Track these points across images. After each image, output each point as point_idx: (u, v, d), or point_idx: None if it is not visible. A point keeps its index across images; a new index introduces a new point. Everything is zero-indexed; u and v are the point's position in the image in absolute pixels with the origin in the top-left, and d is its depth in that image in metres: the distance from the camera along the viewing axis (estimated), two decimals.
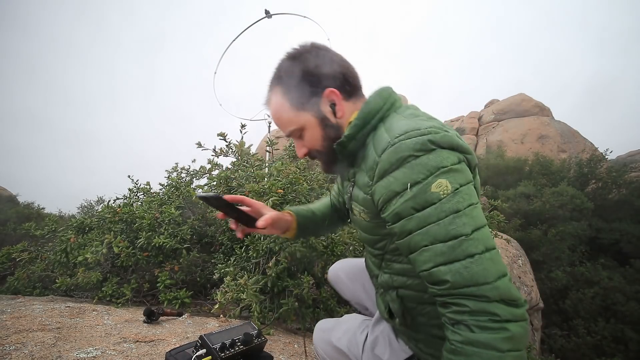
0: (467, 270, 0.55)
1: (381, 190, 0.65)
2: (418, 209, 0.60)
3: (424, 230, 0.59)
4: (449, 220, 0.58)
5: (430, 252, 0.59)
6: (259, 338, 1.00)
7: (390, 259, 0.78)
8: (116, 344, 1.35)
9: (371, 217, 0.74)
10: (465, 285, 0.55)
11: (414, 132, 0.62)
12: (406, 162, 0.61)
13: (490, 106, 22.53)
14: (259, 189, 1.96)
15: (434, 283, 0.60)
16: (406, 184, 0.61)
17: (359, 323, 0.93)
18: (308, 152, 0.82)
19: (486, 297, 0.54)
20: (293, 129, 0.78)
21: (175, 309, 1.95)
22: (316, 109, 0.75)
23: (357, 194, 0.76)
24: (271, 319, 1.88)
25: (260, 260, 2.08)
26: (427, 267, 0.59)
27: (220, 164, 3.08)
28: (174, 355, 0.96)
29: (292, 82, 0.75)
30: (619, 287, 7.44)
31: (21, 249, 2.56)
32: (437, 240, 0.58)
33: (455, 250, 0.56)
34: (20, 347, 1.21)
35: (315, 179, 2.81)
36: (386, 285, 0.81)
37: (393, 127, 0.68)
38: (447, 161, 0.60)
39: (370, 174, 0.68)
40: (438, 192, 0.59)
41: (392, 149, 0.63)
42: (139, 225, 2.34)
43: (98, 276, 2.08)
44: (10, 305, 1.74)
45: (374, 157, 0.67)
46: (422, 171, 0.60)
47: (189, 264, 2.33)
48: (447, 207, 0.58)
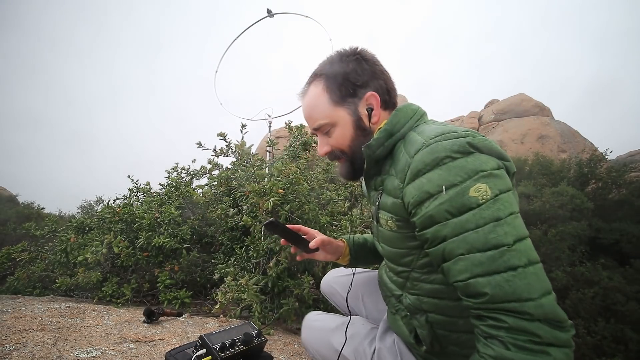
0: (509, 283, 0.51)
1: (413, 191, 0.61)
2: (454, 213, 0.56)
3: (461, 238, 0.55)
4: (488, 228, 0.53)
5: (467, 261, 0.54)
6: (259, 338, 1.00)
7: (419, 278, 0.72)
8: (116, 344, 1.35)
9: (399, 226, 0.69)
10: (506, 299, 0.51)
11: (450, 134, 0.60)
12: (442, 163, 0.58)
13: (490, 106, 22.54)
14: (260, 189, 1.96)
15: (470, 295, 0.55)
16: (441, 186, 0.57)
17: (366, 331, 0.88)
18: (331, 150, 0.79)
19: (529, 315, 0.50)
20: (324, 123, 0.76)
21: (175, 309, 1.95)
22: (354, 108, 0.75)
23: (386, 200, 0.71)
24: (271, 319, 1.88)
25: (261, 261, 2.08)
26: (463, 278, 0.55)
27: (220, 164, 3.08)
28: (174, 355, 0.96)
29: (338, 77, 0.75)
30: (619, 287, 7.45)
31: (21, 249, 2.56)
32: (475, 249, 0.54)
33: (495, 261, 0.52)
34: (20, 347, 1.21)
35: (315, 179, 2.81)
36: (413, 308, 0.74)
37: (426, 130, 0.66)
38: (486, 165, 0.57)
39: (401, 175, 0.64)
40: (477, 197, 0.55)
41: (428, 149, 0.60)
42: (139, 225, 2.34)
43: (98, 276, 2.08)
44: (10, 305, 1.74)
45: (405, 158, 0.64)
46: (460, 174, 0.56)
47: (189, 264, 2.34)
48: (486, 214, 0.54)
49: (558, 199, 9.70)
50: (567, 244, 8.66)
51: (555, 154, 17.20)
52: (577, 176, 12.38)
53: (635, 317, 6.83)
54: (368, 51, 0.79)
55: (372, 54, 0.79)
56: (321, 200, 2.55)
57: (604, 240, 9.92)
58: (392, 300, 0.83)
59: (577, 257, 8.82)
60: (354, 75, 0.75)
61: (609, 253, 9.75)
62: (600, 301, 7.33)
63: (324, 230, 2.20)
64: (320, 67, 0.79)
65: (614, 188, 11.85)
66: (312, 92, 0.78)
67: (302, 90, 0.82)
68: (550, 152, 17.11)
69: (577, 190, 10.50)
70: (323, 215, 2.23)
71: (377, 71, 0.77)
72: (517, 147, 18.16)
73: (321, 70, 0.78)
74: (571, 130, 19.63)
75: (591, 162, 12.45)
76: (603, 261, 8.94)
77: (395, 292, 0.81)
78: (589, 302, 7.32)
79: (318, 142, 0.81)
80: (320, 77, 0.77)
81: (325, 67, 0.78)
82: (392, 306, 0.83)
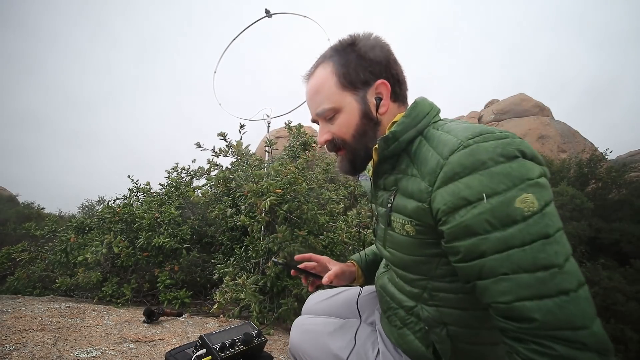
0: (562, 310, 0.46)
1: (446, 197, 0.54)
2: (496, 225, 0.50)
3: (505, 256, 0.49)
4: (537, 246, 0.48)
5: (511, 282, 0.49)
6: (259, 338, 1.00)
7: (440, 288, 0.65)
8: (116, 344, 1.36)
9: (418, 231, 0.62)
10: (559, 327, 0.46)
11: (490, 135, 0.54)
12: (484, 167, 0.51)
13: (490, 106, 22.54)
14: (258, 189, 1.96)
15: (514, 319, 0.49)
16: (482, 194, 0.50)
17: (367, 333, 0.84)
18: (332, 139, 0.73)
19: (583, 345, 0.45)
20: (328, 108, 0.70)
21: (175, 309, 1.95)
22: (362, 95, 0.70)
23: (403, 203, 0.64)
24: (271, 319, 1.88)
25: (260, 261, 2.09)
26: (507, 300, 0.49)
27: (220, 164, 3.08)
28: (174, 355, 0.96)
29: (347, 60, 0.69)
30: (619, 287, 7.45)
31: (21, 249, 2.56)
32: (522, 270, 0.48)
33: (546, 284, 0.47)
34: (20, 347, 1.22)
35: (314, 178, 2.81)
36: (432, 321, 0.67)
37: (458, 129, 0.59)
38: (533, 173, 0.51)
39: (431, 178, 0.57)
40: (522, 209, 0.49)
41: (467, 151, 0.53)
42: (139, 225, 2.34)
43: (98, 276, 2.09)
44: (10, 305, 1.74)
45: (437, 159, 0.57)
46: (504, 181, 0.50)
47: (189, 264, 2.34)
48: (534, 229, 0.48)
49: (558, 199, 9.70)
50: None
51: (555, 154, 17.20)
52: (577, 176, 12.37)
53: (635, 317, 6.83)
54: (382, 38, 0.73)
55: (387, 42, 0.73)
56: (320, 200, 2.55)
57: (604, 240, 9.92)
58: (399, 312, 0.75)
59: (577, 257, 8.81)
60: (366, 61, 0.69)
61: (609, 253, 9.75)
62: (600, 301, 7.32)
63: (323, 230, 2.20)
64: (330, 50, 0.74)
65: (614, 188, 11.85)
66: (318, 74, 0.72)
67: (308, 72, 0.76)
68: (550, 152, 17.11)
69: (577, 190, 10.50)
70: (322, 215, 2.24)
71: (390, 60, 0.71)
72: None
73: (331, 52, 0.73)
74: (571, 130, 19.63)
75: (591, 162, 12.45)
76: (603, 261, 8.94)
77: (406, 303, 0.73)
78: None
79: (319, 130, 0.74)
80: (330, 60, 0.71)
81: (336, 49, 0.72)
82: (400, 319, 0.75)
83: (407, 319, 0.73)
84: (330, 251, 2.10)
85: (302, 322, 0.95)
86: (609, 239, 9.85)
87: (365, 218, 2.38)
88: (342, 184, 3.28)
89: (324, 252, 2.07)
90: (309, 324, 0.93)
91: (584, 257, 8.95)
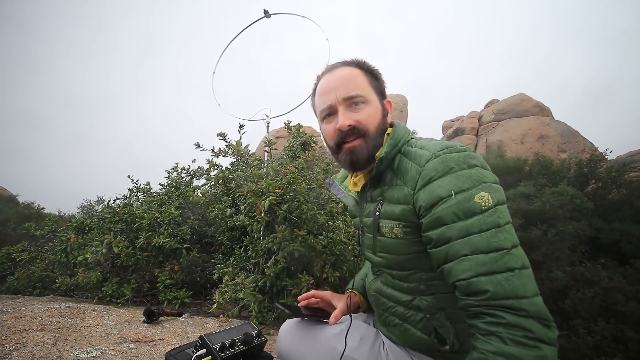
0: (509, 282, 0.57)
1: (424, 196, 0.67)
2: (460, 216, 0.63)
3: (466, 240, 0.61)
4: (491, 233, 0.60)
5: (470, 261, 0.60)
6: (259, 338, 1.00)
7: (432, 277, 0.74)
8: (116, 344, 1.36)
9: (406, 232, 0.73)
10: (505, 297, 0.57)
11: (454, 148, 0.69)
12: (452, 171, 0.66)
13: (490, 106, 22.53)
14: (257, 189, 1.96)
15: (471, 293, 0.60)
16: (450, 191, 0.64)
17: (374, 333, 0.87)
18: (354, 125, 0.78)
19: (525, 311, 0.56)
20: (361, 94, 0.79)
21: (175, 309, 1.95)
22: (381, 101, 0.84)
23: (390, 209, 0.76)
24: (270, 319, 1.89)
25: (260, 260, 2.09)
26: (466, 277, 0.60)
27: (219, 164, 3.08)
28: (174, 355, 0.96)
29: (372, 72, 0.84)
30: (619, 287, 7.44)
31: (21, 249, 2.56)
32: (479, 251, 0.60)
33: (497, 262, 0.59)
34: (20, 347, 1.22)
35: (314, 178, 2.81)
36: (432, 308, 0.75)
37: (429, 144, 0.74)
38: (487, 178, 0.66)
39: (412, 183, 0.71)
40: (480, 204, 0.62)
41: (438, 159, 0.68)
42: (139, 225, 2.34)
43: (98, 276, 2.09)
44: (10, 305, 1.75)
45: (416, 168, 0.71)
46: (467, 182, 0.64)
47: (189, 264, 2.34)
48: (489, 220, 0.61)
49: (558, 199, 9.69)
50: (567, 244, 8.65)
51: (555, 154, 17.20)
52: (577, 176, 12.36)
53: (635, 317, 6.83)
54: None
55: None
56: (320, 200, 2.55)
57: (604, 240, 9.90)
58: (397, 310, 0.82)
59: (577, 257, 8.81)
60: (380, 81, 0.85)
61: (609, 253, 9.74)
62: (600, 301, 7.32)
63: (323, 230, 2.20)
64: (349, 60, 0.85)
65: (614, 188, 11.84)
66: (348, 69, 0.82)
67: (329, 66, 0.86)
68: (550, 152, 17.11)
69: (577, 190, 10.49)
70: (321, 214, 2.24)
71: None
72: (517, 147, 18.16)
73: (352, 62, 0.84)
74: (571, 130, 19.62)
75: (591, 162, 12.44)
76: (603, 261, 8.92)
77: (404, 299, 0.80)
78: (589, 302, 7.31)
79: (341, 115, 0.79)
80: (355, 66, 0.83)
81: (362, 62, 0.84)
82: (399, 316, 0.81)
83: (407, 313, 0.80)
84: (330, 251, 2.10)
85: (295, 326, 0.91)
86: (609, 239, 9.84)
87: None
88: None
89: (324, 252, 2.07)
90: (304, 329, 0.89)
91: (584, 257, 8.94)
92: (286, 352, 0.88)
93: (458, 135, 21.56)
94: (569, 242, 8.73)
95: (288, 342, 0.89)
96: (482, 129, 21.49)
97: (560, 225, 8.83)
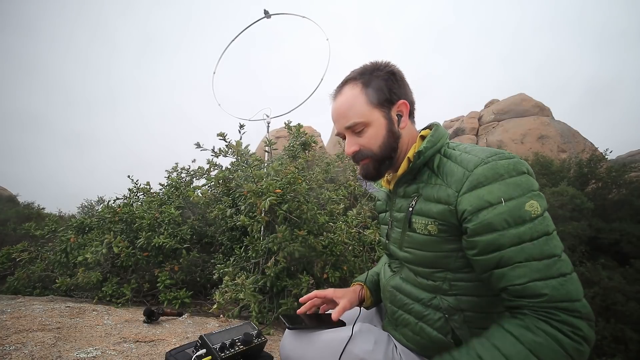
0: (563, 287, 0.61)
1: (471, 199, 0.68)
2: (511, 223, 0.64)
3: (519, 248, 0.63)
4: (542, 240, 0.63)
5: (525, 268, 0.62)
6: (259, 338, 1.00)
7: (457, 278, 0.76)
8: (116, 344, 1.36)
9: (441, 229, 0.74)
10: (561, 299, 0.60)
11: (503, 155, 0.70)
12: (502, 178, 0.66)
13: (490, 106, 22.53)
14: (257, 189, 1.96)
15: (526, 296, 0.62)
16: (500, 198, 0.65)
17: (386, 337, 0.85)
18: (359, 150, 0.83)
19: (578, 312, 0.60)
20: (358, 122, 0.81)
21: (175, 309, 1.95)
22: (387, 112, 0.82)
23: (427, 207, 0.77)
24: (270, 319, 1.89)
25: (260, 261, 2.09)
26: (522, 282, 0.62)
27: (220, 164, 3.08)
28: (174, 355, 0.96)
29: (375, 81, 0.82)
30: (619, 287, 7.44)
31: (21, 249, 2.56)
32: (532, 258, 0.62)
33: (550, 268, 0.61)
34: (20, 347, 1.22)
35: (314, 178, 2.81)
36: (451, 309, 0.76)
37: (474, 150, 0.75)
38: (534, 186, 0.67)
39: (457, 185, 0.71)
40: (530, 212, 0.64)
41: (488, 166, 0.68)
42: (139, 225, 2.34)
43: (98, 276, 2.09)
44: (10, 305, 1.75)
45: (462, 171, 0.72)
46: (517, 189, 0.65)
47: (189, 264, 2.34)
48: (539, 228, 0.63)
49: (558, 199, 9.69)
50: (567, 244, 8.65)
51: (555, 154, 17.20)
52: (577, 176, 12.37)
53: (635, 317, 6.83)
54: (397, 65, 0.87)
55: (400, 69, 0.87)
56: (320, 200, 2.55)
57: (604, 240, 9.91)
58: (414, 308, 0.82)
59: (577, 257, 8.81)
60: (390, 83, 0.82)
61: (609, 253, 9.74)
62: (600, 301, 7.32)
63: (323, 230, 2.20)
64: (355, 73, 0.85)
65: (614, 188, 11.84)
66: (348, 92, 0.83)
67: (335, 91, 0.87)
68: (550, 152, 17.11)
69: (577, 190, 10.49)
70: (322, 215, 2.24)
71: (406, 84, 0.85)
72: (517, 147, 18.16)
73: (357, 74, 0.84)
74: (571, 130, 19.62)
75: (591, 162, 12.44)
76: (603, 261, 8.92)
77: (422, 296, 0.81)
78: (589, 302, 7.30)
79: (346, 142, 0.84)
80: (357, 81, 0.83)
81: (361, 73, 0.84)
82: (415, 314, 0.82)
83: (425, 312, 0.81)
84: (330, 251, 2.10)
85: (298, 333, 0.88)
86: (609, 239, 9.84)
87: (365, 218, 2.38)
88: (342, 184, 3.28)
89: (324, 252, 2.07)
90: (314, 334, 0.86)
91: (584, 257, 8.94)
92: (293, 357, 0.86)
93: (458, 135, 21.56)
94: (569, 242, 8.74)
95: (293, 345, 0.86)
96: (482, 129, 21.50)
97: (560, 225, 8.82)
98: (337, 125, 0.85)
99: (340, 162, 3.67)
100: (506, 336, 0.63)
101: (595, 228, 10.05)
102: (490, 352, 0.62)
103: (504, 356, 0.61)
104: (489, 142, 19.56)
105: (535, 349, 0.59)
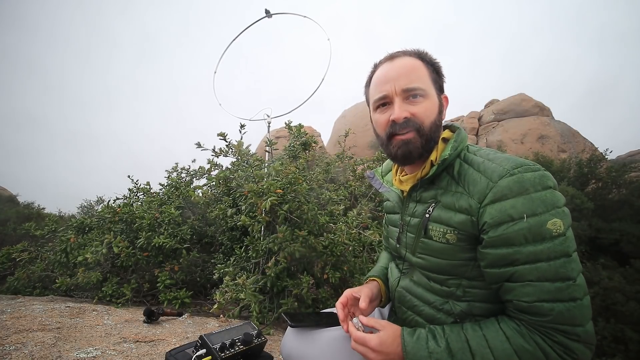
0: (569, 312, 0.60)
1: (493, 212, 0.65)
2: (529, 240, 0.62)
3: (533, 267, 0.61)
4: (560, 263, 0.60)
5: (535, 287, 0.61)
6: (259, 338, 1.00)
7: (472, 285, 0.74)
8: (116, 344, 1.36)
9: (460, 239, 0.72)
10: (563, 323, 0.60)
11: (529, 167, 0.66)
12: (527, 192, 0.63)
13: (490, 106, 22.53)
14: (258, 189, 1.96)
15: (530, 314, 0.62)
16: (523, 213, 0.62)
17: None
18: (410, 118, 0.75)
19: (577, 336, 0.60)
20: (421, 87, 0.76)
21: (175, 309, 1.95)
22: (439, 95, 0.80)
23: (447, 215, 0.73)
24: (271, 319, 1.88)
25: (260, 261, 2.09)
26: (529, 300, 0.62)
27: (220, 164, 3.08)
28: (174, 355, 0.96)
29: (435, 64, 0.81)
30: (619, 287, 7.44)
31: (21, 249, 2.56)
32: (544, 278, 0.61)
33: (562, 292, 0.60)
34: (20, 347, 1.22)
35: (314, 179, 2.81)
36: (463, 314, 0.75)
37: (498, 158, 0.71)
38: (560, 202, 0.64)
39: (480, 196, 0.68)
40: (552, 230, 0.61)
41: (514, 178, 0.65)
42: (138, 225, 2.34)
43: (98, 276, 2.09)
44: (10, 305, 1.74)
45: (486, 181, 0.68)
46: (541, 205, 0.62)
47: (189, 264, 2.34)
48: (559, 248, 0.61)
49: None
50: None
51: (555, 154, 17.21)
52: (577, 176, 12.37)
53: (635, 317, 6.83)
54: None
55: None
56: (321, 200, 2.55)
57: (604, 240, 9.91)
58: (425, 310, 0.81)
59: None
60: (440, 75, 0.81)
61: (609, 253, 9.74)
62: (600, 301, 7.32)
63: (323, 231, 2.20)
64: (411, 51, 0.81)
65: (614, 188, 11.84)
66: (410, 60, 0.78)
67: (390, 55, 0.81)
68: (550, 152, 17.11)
69: (577, 190, 10.50)
70: (322, 215, 2.23)
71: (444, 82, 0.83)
72: (517, 147, 18.17)
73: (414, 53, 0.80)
74: (571, 130, 19.63)
75: (591, 162, 12.44)
76: (603, 261, 8.93)
77: (434, 301, 0.79)
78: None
79: (396, 107, 0.76)
80: (417, 57, 0.79)
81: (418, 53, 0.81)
82: (425, 317, 0.81)
83: (436, 315, 0.79)
84: (331, 251, 2.10)
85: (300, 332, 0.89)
86: (609, 239, 9.84)
87: (366, 219, 2.38)
88: (342, 184, 3.28)
89: (324, 252, 2.07)
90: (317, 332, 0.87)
91: (584, 257, 8.94)
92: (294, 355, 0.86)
93: None
94: None
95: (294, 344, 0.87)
96: (482, 129, 21.49)
97: None
98: (395, 83, 0.76)
99: (340, 162, 3.67)
100: (499, 333, 0.64)
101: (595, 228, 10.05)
102: (478, 342, 0.64)
103: (490, 349, 0.63)
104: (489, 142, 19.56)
105: (521, 354, 0.61)
